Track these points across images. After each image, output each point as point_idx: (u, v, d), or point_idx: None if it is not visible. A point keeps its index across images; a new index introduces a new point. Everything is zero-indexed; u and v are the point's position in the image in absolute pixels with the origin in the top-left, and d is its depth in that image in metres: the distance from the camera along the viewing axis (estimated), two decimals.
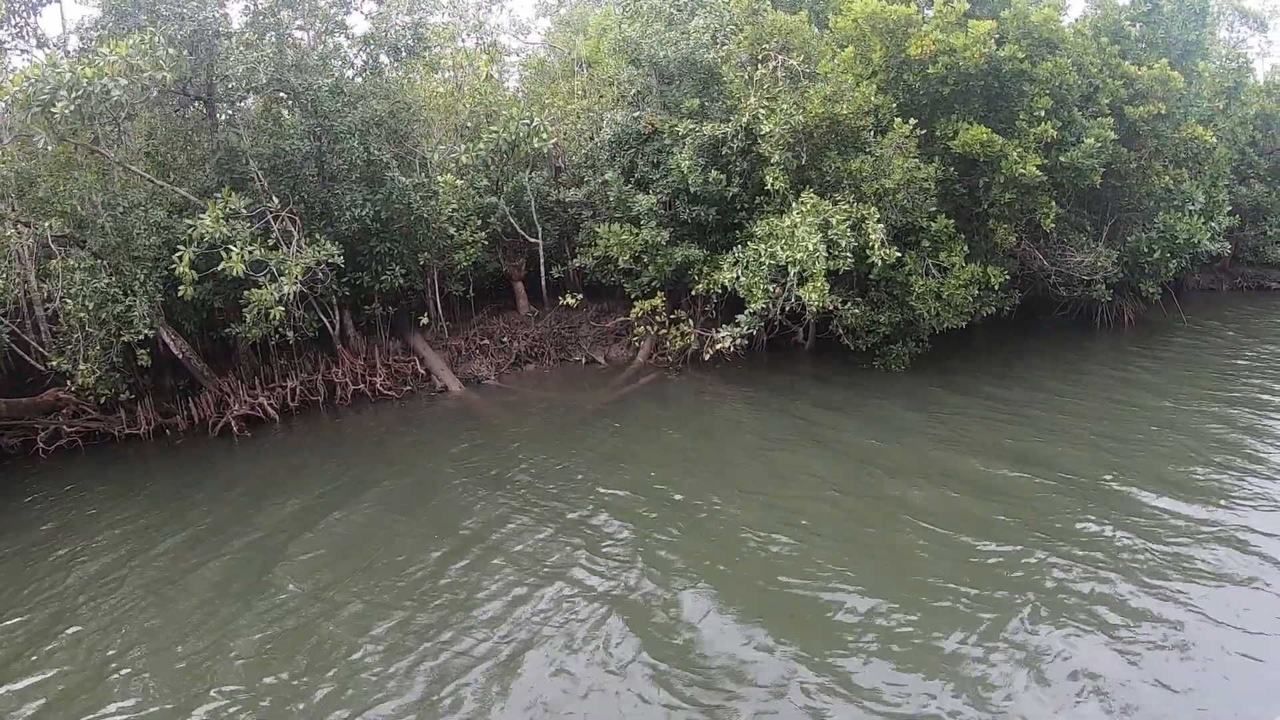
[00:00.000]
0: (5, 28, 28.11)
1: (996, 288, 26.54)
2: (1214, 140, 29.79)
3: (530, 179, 28.86)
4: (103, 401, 25.25)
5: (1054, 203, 26.44)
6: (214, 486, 22.02)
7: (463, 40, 34.22)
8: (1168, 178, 28.90)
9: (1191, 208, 29.78)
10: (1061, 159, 25.92)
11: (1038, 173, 24.78)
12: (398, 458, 23.37)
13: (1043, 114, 25.39)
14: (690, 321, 28.12)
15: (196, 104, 26.92)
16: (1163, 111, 27.57)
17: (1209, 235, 29.65)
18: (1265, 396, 24.18)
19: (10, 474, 24.63)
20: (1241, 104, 36.19)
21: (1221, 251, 31.42)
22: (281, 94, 25.74)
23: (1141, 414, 23.00)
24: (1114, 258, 29.03)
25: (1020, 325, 31.28)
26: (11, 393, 26.65)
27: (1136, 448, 20.54)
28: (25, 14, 28.24)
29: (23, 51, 28.86)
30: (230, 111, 27.55)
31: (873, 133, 25.58)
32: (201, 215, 22.86)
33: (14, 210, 24.12)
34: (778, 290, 24.56)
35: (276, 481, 22.19)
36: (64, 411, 25.96)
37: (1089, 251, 28.98)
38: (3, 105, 25.55)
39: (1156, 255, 29.27)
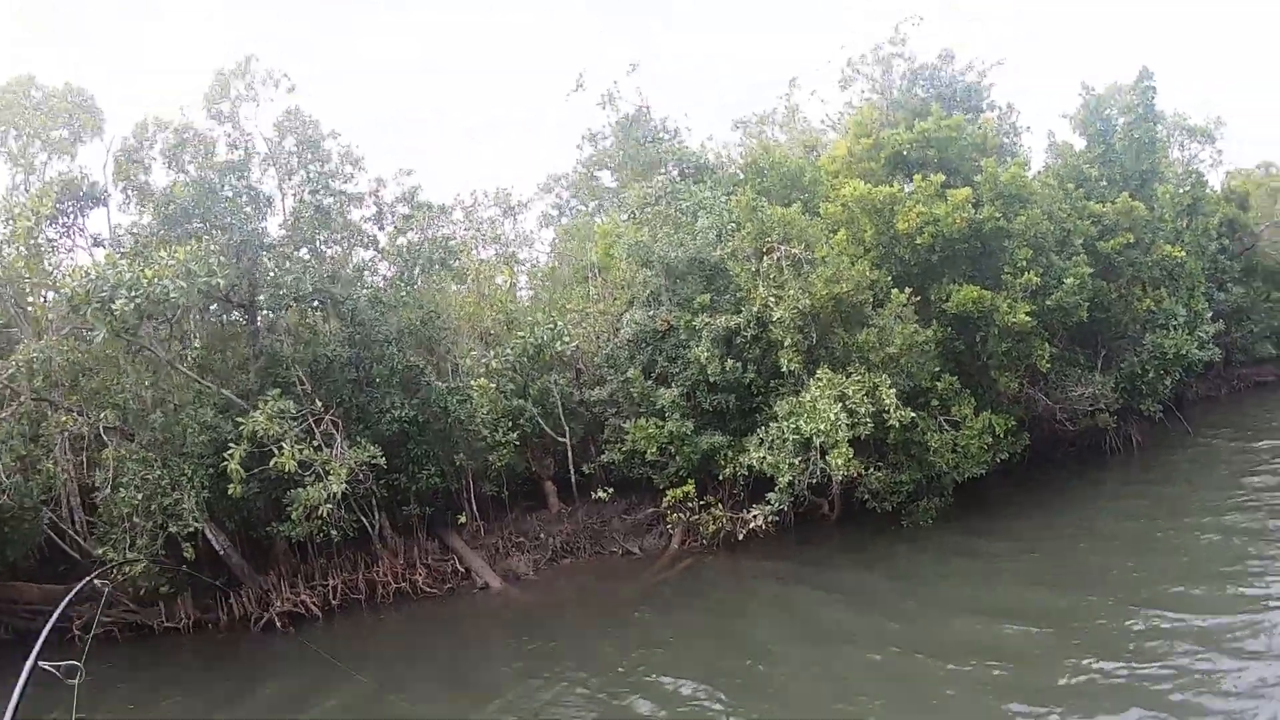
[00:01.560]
0: (54, 226, 29.33)
1: (1003, 435, 26.64)
2: (1184, 255, 31.31)
3: (555, 381, 29.29)
4: (142, 593, 24.44)
5: (1047, 344, 27.26)
6: (270, 682, 21.47)
7: (479, 251, 35.69)
8: (1148, 300, 30.16)
9: (1175, 323, 30.68)
10: (1048, 302, 26.89)
11: (1028, 319, 25.69)
12: (447, 652, 22.89)
13: (1024, 264, 26.51)
14: (720, 505, 27.61)
15: (238, 311, 27.95)
16: (1132, 240, 29.35)
17: (1196, 345, 30.54)
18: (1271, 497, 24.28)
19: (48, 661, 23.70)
20: (1204, 216, 37.22)
21: (1213, 358, 32.27)
22: (320, 303, 26.29)
23: (1157, 541, 22.83)
24: (1111, 384, 29.48)
25: (1033, 466, 30.98)
26: (46, 579, 26.00)
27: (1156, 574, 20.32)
28: (73, 214, 29.48)
29: (68, 250, 29.91)
30: (272, 318, 27.96)
31: (872, 305, 26.33)
32: (254, 414, 23.04)
33: (66, 400, 24.36)
34: (802, 464, 24.64)
35: (328, 677, 21.13)
36: (99, 601, 25.24)
37: (1088, 383, 29.47)
38: (52, 297, 26.56)
39: (1151, 375, 29.97)
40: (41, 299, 25.99)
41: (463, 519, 28.82)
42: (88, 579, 25.19)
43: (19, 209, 25.80)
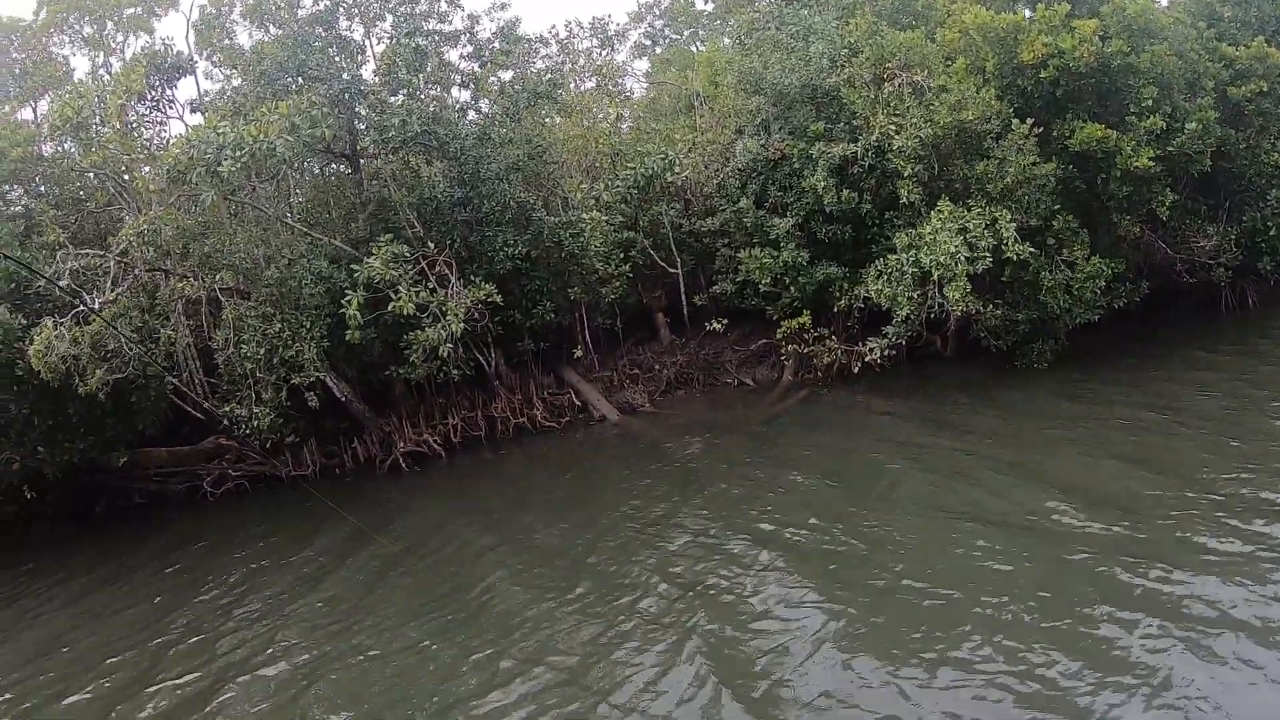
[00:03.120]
0: (144, 102, 28.20)
1: (1114, 278, 24.70)
2: None
3: (664, 212, 27.76)
4: (268, 445, 24.45)
5: (1169, 191, 24.93)
6: (405, 519, 21.57)
7: (580, 83, 33.63)
8: (1276, 155, 27.96)
9: None
10: (1169, 148, 24.32)
11: (1151, 164, 23.20)
12: (569, 481, 22.91)
13: (1149, 104, 23.83)
14: (834, 338, 26.49)
15: (342, 162, 26.78)
16: (1264, 88, 26.54)
17: None
18: None
19: (183, 517, 24.48)
20: None
21: None
22: (424, 145, 24.72)
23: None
24: (1232, 239, 27.20)
25: (1148, 317, 29.00)
26: (171, 441, 26.25)
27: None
28: (160, 87, 28.17)
29: (161, 123, 28.86)
30: (376, 166, 26.72)
31: (994, 138, 24.12)
32: (368, 260, 22.16)
33: (179, 267, 23.55)
34: (920, 298, 23.48)
35: (459, 508, 21.74)
36: (227, 457, 25.53)
37: (1209, 236, 27.25)
38: (149, 171, 25.41)
39: (1273, 232, 27.79)
40: (142, 173, 24.59)
41: (578, 353, 27.97)
42: (213, 437, 26.31)
43: (110, 86, 24.06)
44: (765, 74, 27.26)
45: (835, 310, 26.80)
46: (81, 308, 21.64)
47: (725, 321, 27.91)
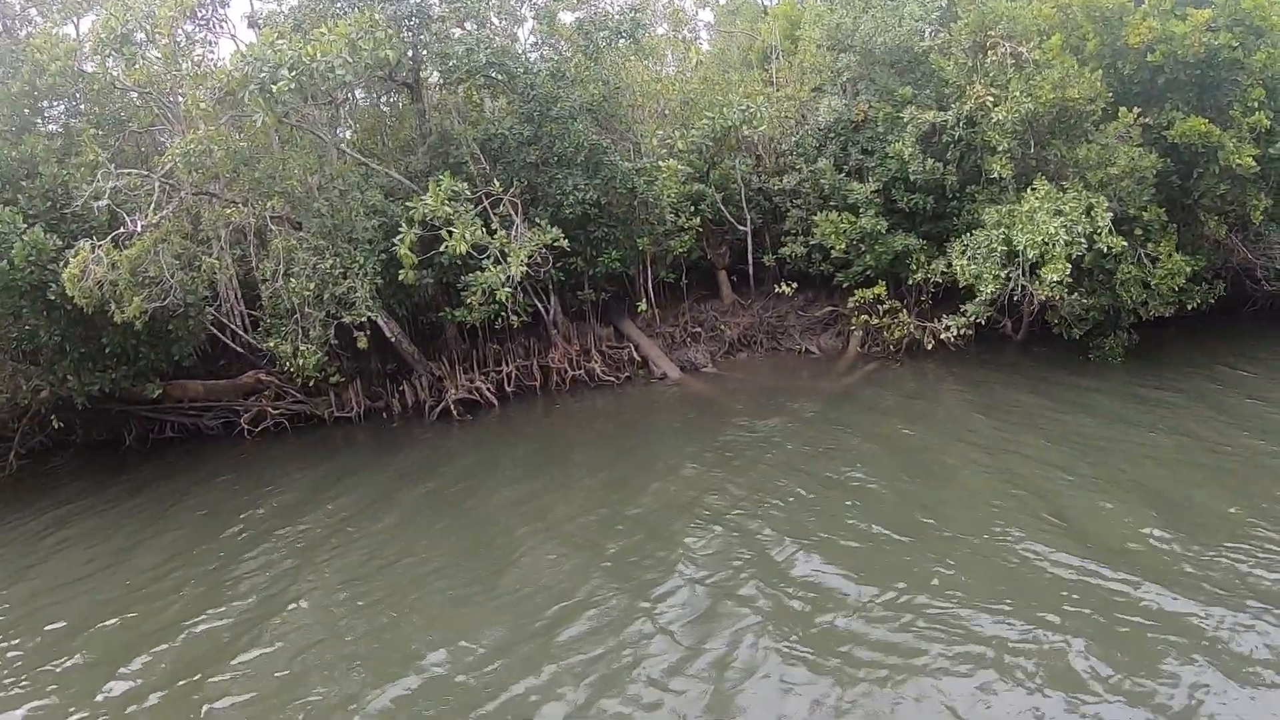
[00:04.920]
0: (194, 20, 26.08)
1: (1192, 276, 22.44)
2: None
3: (736, 167, 25.28)
4: (311, 384, 22.66)
5: (1263, 195, 23.45)
6: (450, 467, 20.17)
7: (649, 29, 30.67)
8: None
9: None
10: (1271, 150, 22.39)
11: (1253, 164, 21.05)
12: (628, 438, 21.19)
13: (1255, 104, 21.55)
14: (905, 311, 24.29)
15: (404, 90, 24.49)
16: None
17: None
18: None
19: (219, 454, 22.78)
20: None
21: None
22: (491, 78, 22.53)
23: None
24: None
25: (1218, 318, 27.07)
26: (207, 375, 24.44)
27: None
28: (211, 4, 26.20)
29: (211, 43, 26.79)
30: (439, 97, 24.45)
31: (1094, 122, 22.21)
32: (423, 197, 20.05)
33: (227, 192, 21.48)
34: (1005, 277, 21.90)
35: (498, 459, 20.30)
36: (266, 394, 23.64)
37: None
38: (192, 93, 23.61)
39: None
40: (190, 93, 22.63)
41: (642, 306, 25.73)
42: (252, 372, 24.45)
43: (159, 1, 21.87)
44: (856, 31, 24.80)
45: (909, 283, 24.51)
46: (121, 230, 19.83)
47: (795, 285, 25.65)
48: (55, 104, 25.75)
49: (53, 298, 20.12)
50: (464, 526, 16.68)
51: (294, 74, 18.09)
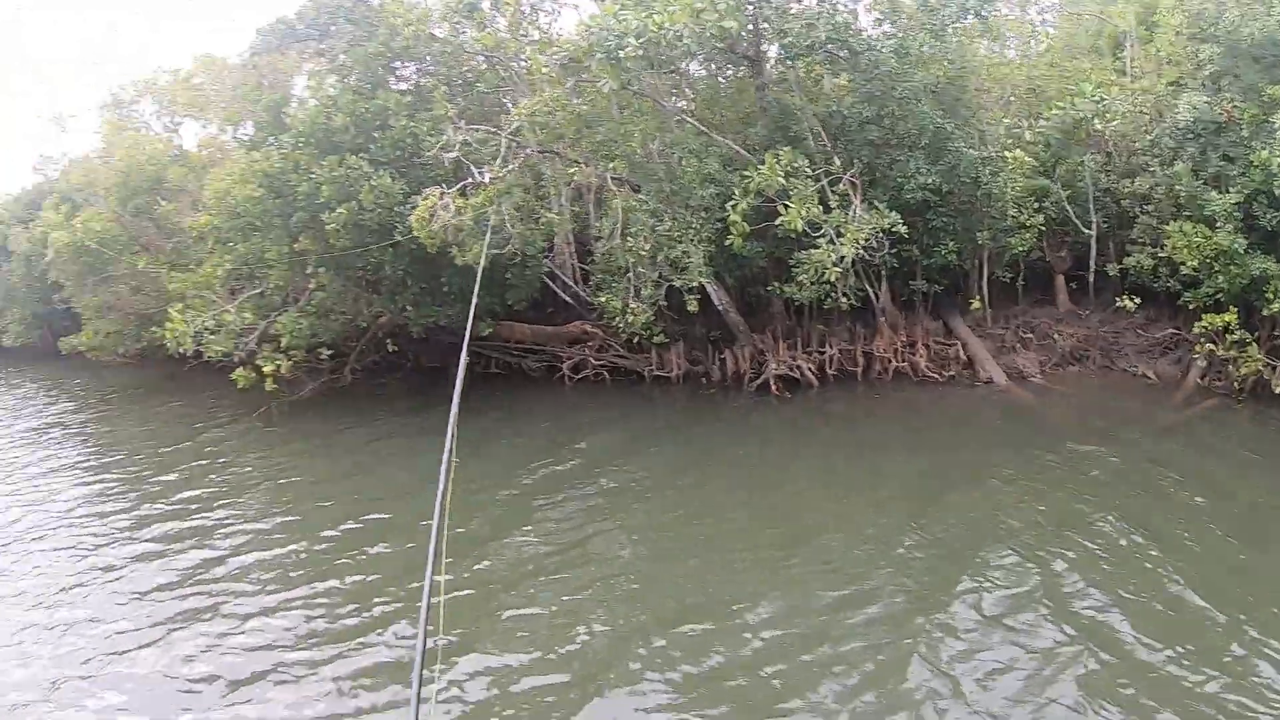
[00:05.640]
0: None
1: None
2: None
3: (1085, 164, 23.16)
4: (635, 341, 23.15)
5: None
6: (767, 440, 19.91)
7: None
8: None
9: None
10: None
11: None
12: (945, 439, 19.87)
13: None
14: (1256, 344, 21.13)
15: (744, 63, 24.24)
16: None
17: None
18: None
19: (539, 395, 24.21)
20: None
21: None
22: (830, 54, 21.70)
23: None
24: None
25: None
26: (535, 321, 25.38)
27: None
28: None
29: (552, 12, 27.44)
30: (779, 71, 23.65)
31: None
32: (760, 168, 19.41)
33: (571, 152, 21.84)
34: None
35: (812, 440, 19.85)
36: (590, 345, 24.36)
37: None
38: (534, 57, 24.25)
39: None
40: (537, 58, 23.28)
41: (975, 304, 24.21)
42: (578, 322, 25.03)
43: None
44: (1221, 19, 22.11)
45: (1264, 313, 21.41)
46: (469, 181, 20.56)
47: (1137, 301, 23.07)
48: (407, 65, 27.08)
49: (399, 237, 21.36)
50: (765, 499, 16.55)
51: (640, 42, 18.09)
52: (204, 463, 22.80)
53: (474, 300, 11.88)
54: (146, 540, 16.98)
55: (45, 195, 48.45)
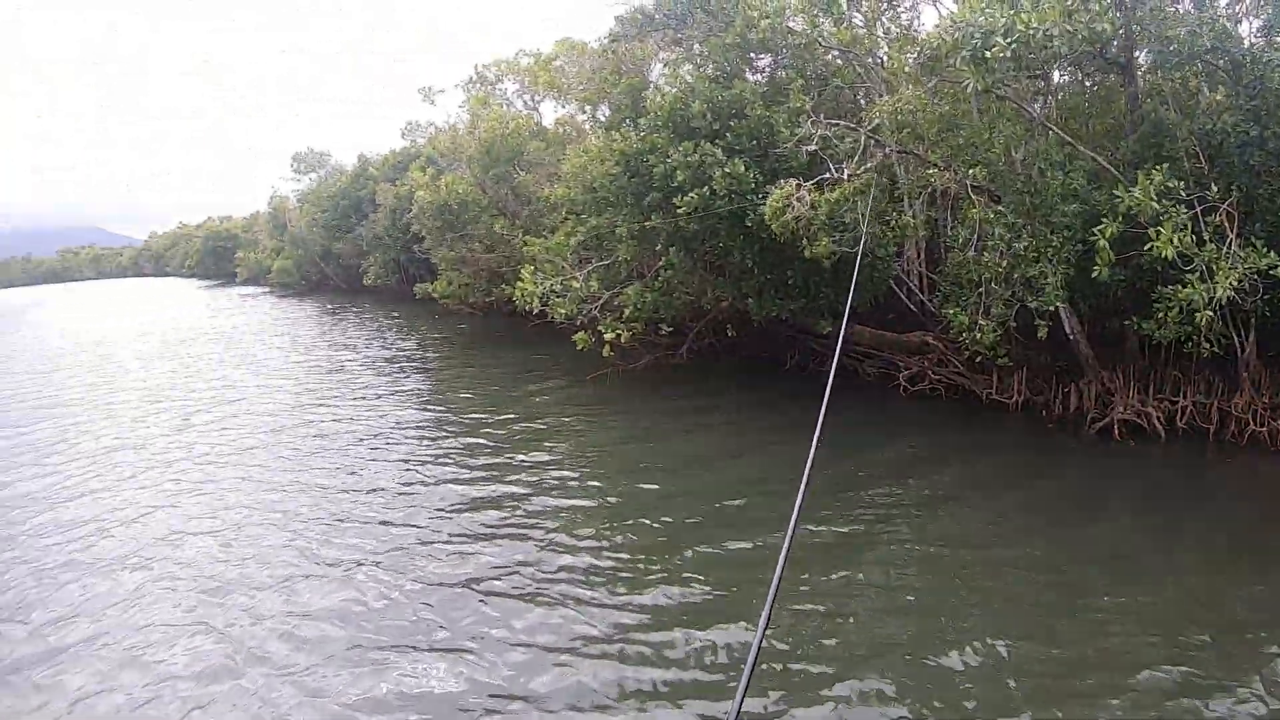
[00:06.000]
0: None
1: None
2: None
3: None
4: (976, 360, 21.81)
5: None
6: (1099, 488, 17.52)
7: None
8: None
9: None
10: None
11: None
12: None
13: None
14: None
15: (1113, 70, 22.64)
16: None
17: None
18: None
19: (870, 401, 23.69)
20: None
21: None
22: (1216, 65, 20.01)
23: None
24: None
25: None
26: (874, 325, 24.95)
27: None
28: None
29: (912, 8, 26.74)
30: (1152, 81, 22.21)
31: None
32: (1132, 189, 17.99)
33: (931, 155, 21.24)
34: None
35: (1158, 510, 16.52)
36: (929, 357, 23.42)
37: None
38: (908, 55, 23.98)
39: None
40: (897, 55, 23.08)
41: None
42: (919, 332, 23.71)
43: None
44: None
45: None
46: (826, 176, 20.76)
47: None
48: (762, 56, 27.74)
49: (749, 225, 21.82)
50: (1068, 551, 14.35)
51: (1008, 41, 17.36)
52: (533, 414, 25.39)
53: (849, 302, 12.04)
54: (470, 467, 20.03)
55: (411, 158, 54.20)
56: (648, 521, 16.00)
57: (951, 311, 20.22)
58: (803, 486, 5.70)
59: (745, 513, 16.10)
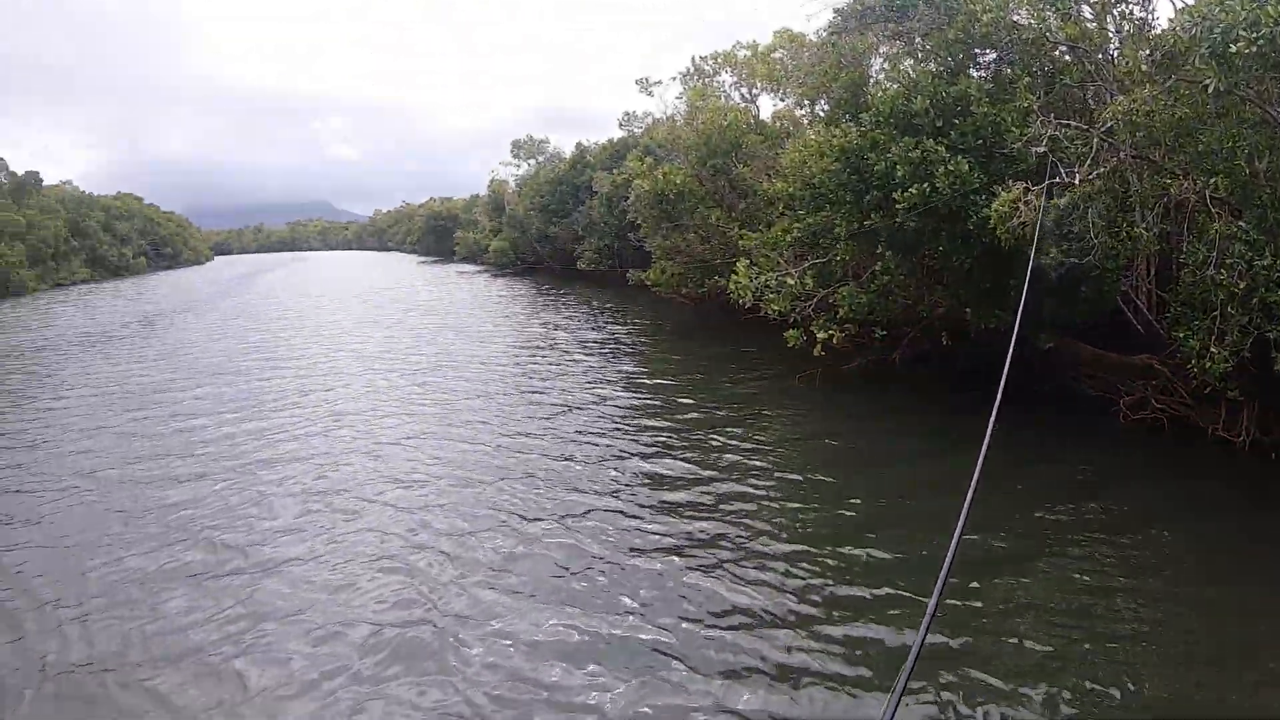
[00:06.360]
0: None
1: None
2: None
3: None
4: (1205, 390, 19.67)
5: None
6: None
7: None
8: None
9: None
10: None
11: None
12: None
13: None
14: None
15: None
16: None
17: None
18: None
19: (1083, 428, 22.15)
20: None
21: None
22: None
23: None
24: None
25: None
26: (1101, 344, 23.13)
27: None
28: None
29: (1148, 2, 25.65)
30: None
31: None
32: None
33: (1169, 161, 19.96)
34: None
35: None
36: (1154, 382, 21.43)
37: None
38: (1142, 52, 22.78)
39: None
40: (1132, 52, 21.90)
41: None
42: (1144, 355, 20.83)
43: None
44: None
45: None
46: (1057, 180, 19.99)
47: None
48: (986, 52, 26.94)
49: (971, 228, 21.08)
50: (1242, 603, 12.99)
51: (1253, 36, 15.90)
52: (735, 403, 26.05)
53: (1018, 311, 11.74)
54: (671, 457, 20.69)
55: (628, 148, 55.93)
56: (834, 512, 16.76)
57: (1182, 334, 18.61)
58: (969, 497, 5.88)
59: (936, 518, 15.93)
